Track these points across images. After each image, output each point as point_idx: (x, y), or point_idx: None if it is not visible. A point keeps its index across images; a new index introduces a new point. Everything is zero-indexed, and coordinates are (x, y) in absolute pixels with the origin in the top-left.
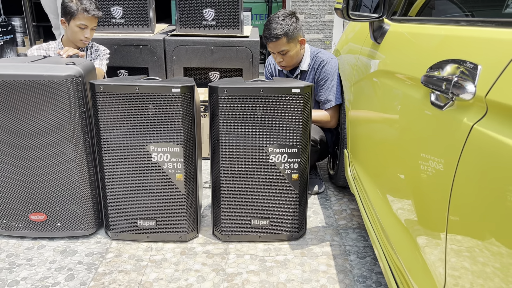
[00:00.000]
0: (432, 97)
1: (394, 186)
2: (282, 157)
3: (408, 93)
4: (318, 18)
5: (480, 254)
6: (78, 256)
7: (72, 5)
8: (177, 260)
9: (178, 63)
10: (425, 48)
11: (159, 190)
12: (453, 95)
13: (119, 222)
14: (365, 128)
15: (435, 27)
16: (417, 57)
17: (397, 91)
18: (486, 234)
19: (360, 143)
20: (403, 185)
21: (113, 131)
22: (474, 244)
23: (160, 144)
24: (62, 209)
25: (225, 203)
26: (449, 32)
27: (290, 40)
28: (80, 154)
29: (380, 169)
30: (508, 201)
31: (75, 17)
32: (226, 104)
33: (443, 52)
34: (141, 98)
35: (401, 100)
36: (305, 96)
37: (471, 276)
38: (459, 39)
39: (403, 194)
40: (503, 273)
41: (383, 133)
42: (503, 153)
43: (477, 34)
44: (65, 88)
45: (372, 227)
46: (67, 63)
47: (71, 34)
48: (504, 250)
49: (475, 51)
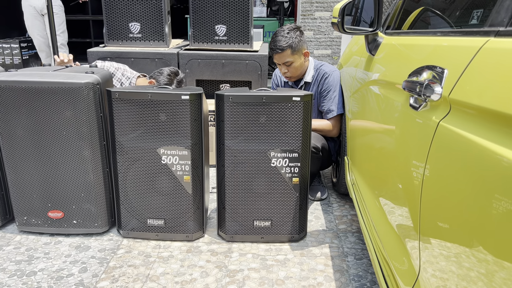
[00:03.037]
0: (411, 100)
1: (383, 190)
2: (284, 161)
3: (396, 99)
4: (327, 35)
5: (450, 247)
6: (91, 251)
7: (169, 83)
8: (183, 257)
9: (191, 76)
10: (409, 57)
11: (168, 191)
12: (425, 97)
13: (130, 221)
14: (361, 135)
15: (417, 38)
16: (403, 66)
17: (387, 99)
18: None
19: (357, 149)
20: (391, 189)
21: (127, 135)
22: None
23: (169, 147)
24: (78, 207)
25: (230, 205)
26: (427, 42)
27: (294, 52)
28: (96, 156)
29: (373, 174)
30: (472, 192)
31: None
32: (231, 111)
33: (422, 59)
34: (153, 105)
35: (390, 107)
36: (305, 104)
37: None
38: (433, 47)
39: (390, 197)
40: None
41: (374, 139)
42: (464, 146)
43: (445, 42)
44: (84, 95)
45: (367, 230)
46: (87, 72)
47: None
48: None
49: (443, 57)
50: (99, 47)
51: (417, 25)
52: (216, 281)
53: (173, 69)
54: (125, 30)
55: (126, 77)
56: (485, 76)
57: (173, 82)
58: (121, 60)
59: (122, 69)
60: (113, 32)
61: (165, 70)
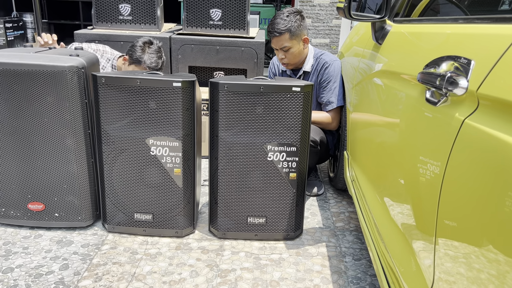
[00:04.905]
0: (427, 94)
1: (390, 188)
2: (281, 155)
3: (407, 92)
4: (325, 23)
5: (471, 253)
6: (74, 246)
7: (142, 55)
8: (172, 254)
9: (183, 62)
10: (423, 46)
11: (157, 184)
12: (446, 91)
13: (116, 215)
14: (364, 130)
15: (433, 26)
16: (416, 56)
17: (396, 91)
18: (477, 233)
19: (359, 144)
20: (399, 187)
21: (114, 123)
22: (464, 244)
23: (159, 138)
24: (60, 199)
25: (222, 200)
26: (446, 30)
27: (293, 37)
28: (80, 145)
29: (377, 172)
30: (499, 195)
31: (137, 66)
32: (226, 100)
33: (440, 49)
34: (142, 92)
35: (399, 100)
36: (305, 95)
37: (460, 280)
38: (455, 36)
39: (398, 195)
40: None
41: (381, 135)
42: (493, 146)
43: (471, 30)
44: (67, 79)
45: (368, 229)
46: (71, 55)
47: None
48: (496, 247)
49: (469, 47)
50: (87, 29)
51: (431, 12)
52: (206, 282)
53: (146, 38)
54: (114, 11)
55: (106, 59)
56: None
57: (146, 52)
58: (110, 43)
59: (102, 50)
60: (102, 14)
61: (137, 42)
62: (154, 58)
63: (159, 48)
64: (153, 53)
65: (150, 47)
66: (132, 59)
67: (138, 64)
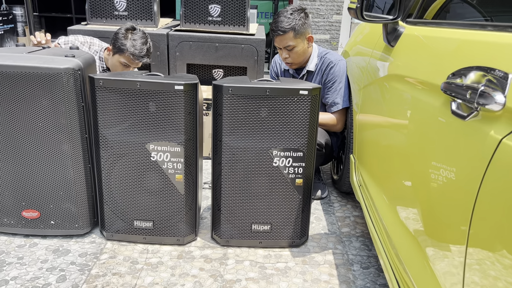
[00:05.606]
0: (453, 105)
1: (405, 197)
2: (287, 161)
3: (423, 99)
4: (326, 18)
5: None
6: (71, 256)
7: (125, 42)
8: (174, 264)
9: (181, 59)
10: (445, 53)
11: (158, 191)
12: (478, 105)
13: (115, 222)
14: (375, 134)
15: (456, 31)
16: (436, 63)
17: (411, 97)
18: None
19: (368, 149)
20: (416, 196)
21: (112, 128)
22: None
23: (160, 143)
24: (56, 206)
25: (226, 206)
26: (474, 37)
27: (297, 35)
28: (77, 150)
29: (390, 178)
30: None
31: (121, 55)
32: (230, 104)
33: (467, 58)
34: (142, 95)
35: (415, 107)
36: (312, 99)
37: None
38: (486, 45)
39: (415, 205)
40: None
41: (395, 141)
42: None
43: (506, 40)
44: (63, 82)
45: (378, 237)
46: (66, 55)
47: (112, 64)
48: None
49: (506, 59)
50: (80, 25)
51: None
52: None
53: (128, 25)
54: (109, 6)
55: (93, 51)
56: None
57: (129, 38)
58: (105, 40)
59: (89, 42)
60: (96, 9)
61: (120, 30)
62: (138, 45)
63: (144, 33)
64: (137, 39)
65: (133, 33)
66: (115, 47)
67: (121, 53)
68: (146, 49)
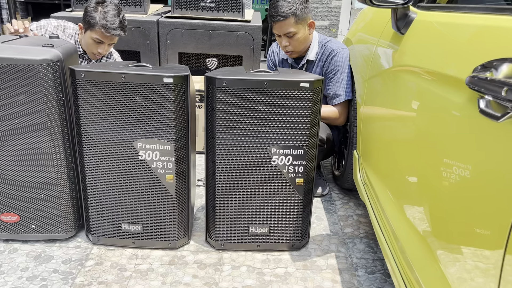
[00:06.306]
0: (482, 103)
1: (417, 197)
2: (286, 159)
3: (440, 94)
4: (325, 4)
5: None
6: (54, 263)
7: (94, 15)
8: (165, 270)
9: (172, 48)
10: (468, 42)
11: (147, 192)
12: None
13: (101, 225)
14: (381, 129)
15: (482, 16)
16: (456, 53)
17: (425, 91)
18: None
19: (374, 145)
20: (430, 196)
21: (96, 125)
22: None
23: (148, 140)
24: (37, 209)
25: (221, 208)
26: (506, 24)
27: (298, 21)
28: (58, 149)
29: (400, 177)
30: None
31: (92, 30)
32: (225, 97)
33: (497, 48)
34: (128, 88)
35: (430, 102)
36: (314, 92)
37: None
38: None
39: (427, 206)
40: None
41: (405, 137)
42: None
43: None
44: (40, 74)
45: (385, 240)
46: (45, 45)
47: (85, 44)
48: None
49: None
50: (65, 12)
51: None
52: None
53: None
54: None
55: (68, 35)
56: None
57: (98, 11)
58: None
59: (63, 26)
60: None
61: (89, 4)
62: (109, 16)
63: (116, 6)
64: (108, 11)
65: (104, 5)
66: (85, 23)
67: (92, 28)
68: (119, 21)
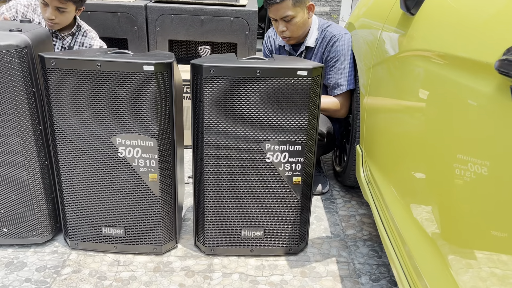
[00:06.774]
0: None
1: (426, 197)
2: (282, 155)
3: (460, 81)
4: None
5: None
6: (26, 271)
7: None
8: (149, 279)
9: (162, 35)
10: (497, 19)
11: (128, 192)
12: None
13: (80, 229)
14: (388, 122)
15: None
16: (480, 34)
17: (441, 77)
18: None
19: (379, 139)
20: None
21: (70, 118)
22: None
23: (128, 136)
24: (8, 211)
25: (210, 209)
26: None
27: (296, 4)
28: (29, 145)
29: (408, 175)
30: None
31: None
32: (213, 88)
33: None
34: (104, 77)
35: (447, 90)
36: (313, 80)
37: None
38: None
39: (439, 206)
40: None
41: (415, 131)
42: None
43: None
44: (5, 62)
45: (390, 243)
46: (11, 29)
47: (42, 13)
48: None
49: None
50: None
51: None
52: None
53: None
54: None
55: (38, 14)
56: None
57: None
58: None
59: (34, 4)
60: None
61: None
62: None
63: None
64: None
65: None
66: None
67: None
68: None
